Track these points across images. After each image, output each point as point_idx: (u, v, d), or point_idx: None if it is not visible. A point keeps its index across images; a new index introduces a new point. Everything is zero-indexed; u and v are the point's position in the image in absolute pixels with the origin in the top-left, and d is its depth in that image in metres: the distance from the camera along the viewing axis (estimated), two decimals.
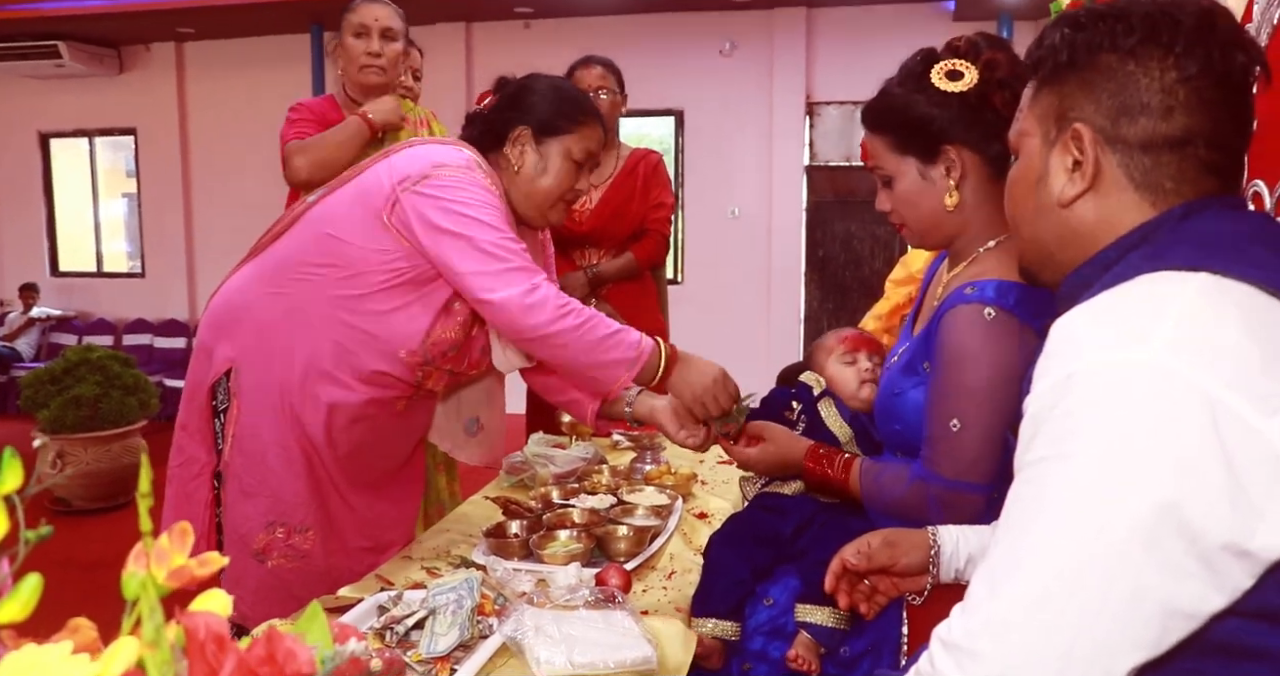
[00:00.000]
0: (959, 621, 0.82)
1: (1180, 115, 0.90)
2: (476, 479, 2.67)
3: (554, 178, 1.80)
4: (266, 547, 1.82)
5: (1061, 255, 1.00)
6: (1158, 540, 0.73)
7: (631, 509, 1.93)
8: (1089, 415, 0.77)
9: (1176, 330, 0.77)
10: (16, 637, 0.56)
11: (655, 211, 3.24)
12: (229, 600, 0.60)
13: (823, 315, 6.93)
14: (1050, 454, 0.79)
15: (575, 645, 1.32)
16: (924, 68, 1.48)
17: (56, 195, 8.68)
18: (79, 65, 7.62)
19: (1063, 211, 0.98)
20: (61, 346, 7.31)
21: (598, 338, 1.67)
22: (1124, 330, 0.79)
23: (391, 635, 1.39)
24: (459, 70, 7.20)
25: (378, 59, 2.69)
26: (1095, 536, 0.75)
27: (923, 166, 1.51)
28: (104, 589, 1.48)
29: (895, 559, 1.31)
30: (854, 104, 6.73)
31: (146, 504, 0.56)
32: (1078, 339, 0.81)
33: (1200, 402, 0.74)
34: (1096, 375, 0.77)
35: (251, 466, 1.81)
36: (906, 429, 1.51)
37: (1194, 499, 0.73)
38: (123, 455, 4.79)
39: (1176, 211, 0.91)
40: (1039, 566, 0.77)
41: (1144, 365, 0.76)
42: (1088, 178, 0.95)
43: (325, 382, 1.80)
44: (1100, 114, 0.93)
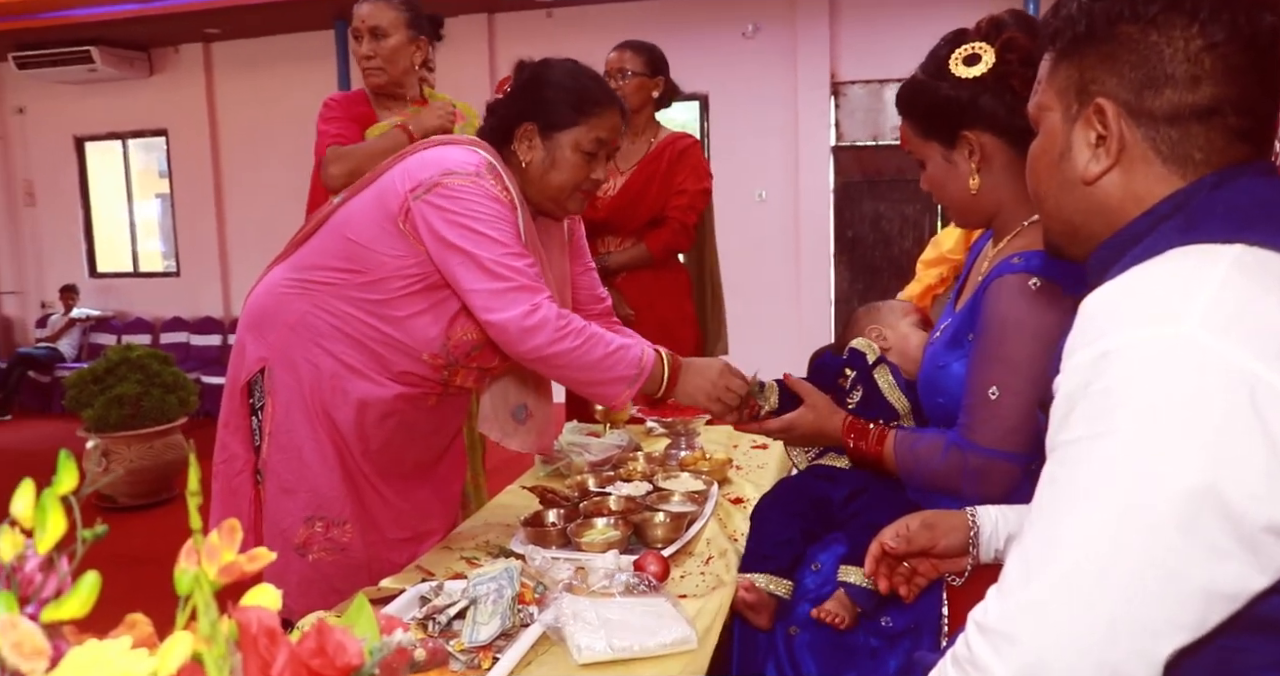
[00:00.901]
0: (995, 604, 0.81)
1: (1207, 85, 0.87)
2: (507, 470, 2.69)
3: (564, 172, 1.80)
4: (307, 541, 1.85)
5: (1088, 230, 0.97)
6: (1196, 522, 0.72)
7: (667, 495, 1.94)
8: (1123, 394, 0.75)
9: (1211, 305, 0.75)
10: (77, 633, 0.58)
11: (677, 198, 3.11)
12: (278, 594, 0.61)
13: (853, 296, 6.89)
14: (1085, 434, 0.77)
15: (614, 629, 1.34)
16: (946, 52, 1.50)
17: (92, 197, 8.80)
18: (110, 69, 7.72)
19: (1087, 188, 0.95)
20: (101, 346, 7.42)
21: (596, 358, 1.69)
22: (1157, 306, 0.77)
23: (434, 625, 1.42)
24: (482, 61, 7.21)
25: (371, 60, 2.68)
26: (1132, 519, 0.73)
27: (945, 151, 1.53)
28: (151, 584, 1.52)
29: (935, 541, 1.30)
30: (880, 83, 6.67)
31: (196, 502, 0.58)
32: (1110, 316, 0.79)
33: (1238, 380, 0.72)
34: (1130, 353, 0.76)
35: (288, 462, 1.84)
36: (950, 402, 1.52)
37: (1233, 480, 0.71)
38: (165, 452, 4.87)
39: (1208, 180, 0.89)
40: (1075, 549, 0.76)
41: (1179, 342, 0.74)
42: (1113, 153, 0.92)
43: (355, 379, 1.83)
44: (1123, 87, 0.90)
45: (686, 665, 1.37)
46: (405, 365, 1.84)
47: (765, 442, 2.54)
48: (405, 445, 1.95)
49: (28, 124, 8.71)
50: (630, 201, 3.10)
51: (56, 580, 0.59)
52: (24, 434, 7.14)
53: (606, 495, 1.94)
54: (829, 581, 1.58)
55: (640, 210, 3.11)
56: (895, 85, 6.64)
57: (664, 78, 3.17)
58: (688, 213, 3.14)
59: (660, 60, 3.17)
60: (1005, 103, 1.44)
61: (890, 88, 6.64)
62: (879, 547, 1.32)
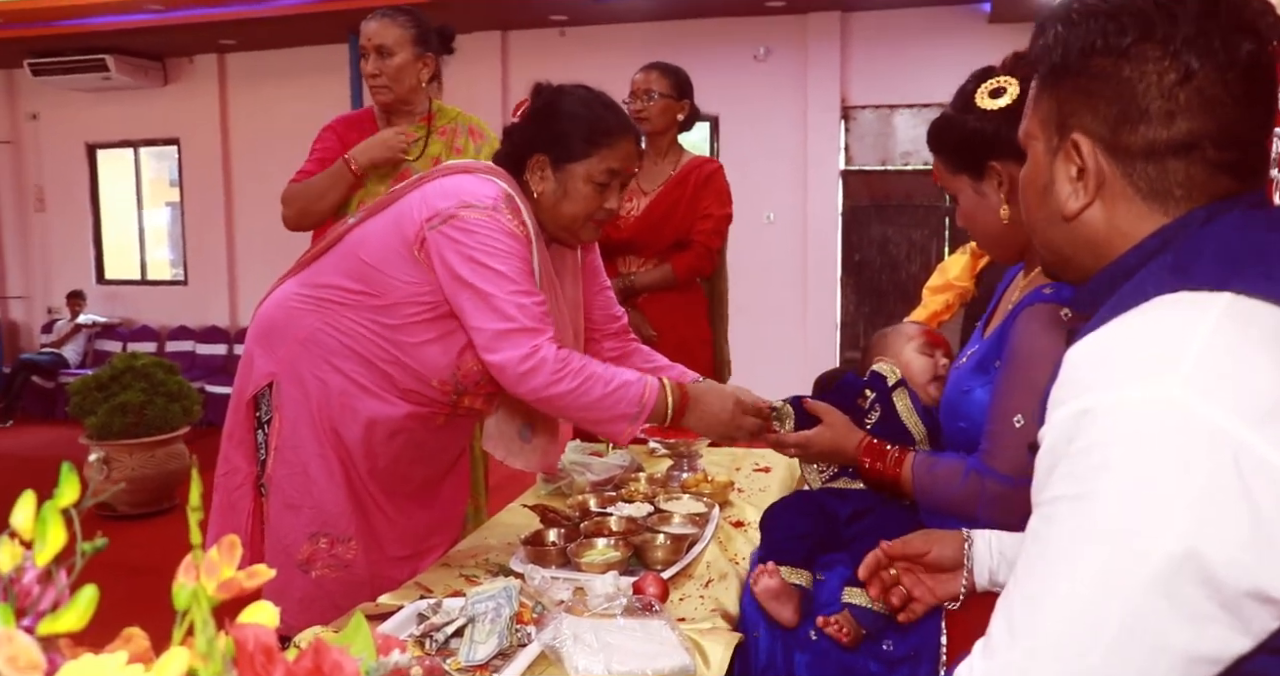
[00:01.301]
0: (980, 663, 0.80)
1: (1183, 120, 0.84)
2: (508, 488, 2.69)
3: (575, 203, 1.79)
4: (310, 558, 1.84)
5: (1078, 261, 0.95)
6: (1178, 589, 0.70)
7: (668, 517, 1.93)
8: (1105, 457, 0.73)
9: (1197, 364, 0.73)
10: (73, 647, 0.57)
11: (702, 222, 3.15)
12: (276, 611, 0.61)
13: (859, 320, 6.89)
14: (1067, 493, 0.76)
15: (613, 653, 1.33)
16: (973, 87, 1.53)
17: (103, 204, 8.84)
18: (125, 78, 7.77)
19: (1071, 223, 0.92)
20: (107, 353, 7.44)
21: (595, 398, 1.70)
22: (1141, 363, 0.75)
23: (431, 643, 1.41)
24: (495, 78, 7.26)
25: (377, 78, 2.66)
26: (1112, 584, 0.72)
27: (975, 183, 1.56)
28: (149, 593, 1.51)
29: (929, 546, 1.33)
30: (890, 108, 6.70)
31: (196, 517, 0.58)
32: (1093, 370, 0.78)
33: (1223, 445, 0.70)
34: (1113, 413, 0.74)
35: (293, 478, 1.84)
36: (972, 427, 1.52)
37: (1215, 546, 0.70)
38: (167, 461, 4.87)
39: (1198, 215, 0.86)
40: (1057, 613, 0.75)
41: (1163, 404, 0.72)
42: (1091, 190, 0.89)
43: (364, 397, 1.83)
44: (1099, 123, 0.88)
45: None
46: (414, 386, 1.84)
47: (768, 465, 2.53)
48: (412, 463, 1.95)
49: (41, 130, 8.77)
50: (655, 223, 3.13)
51: (54, 592, 0.59)
52: (26, 440, 7.15)
53: (607, 515, 1.93)
54: (833, 600, 1.58)
55: (665, 233, 3.14)
56: (905, 110, 6.67)
57: (689, 101, 3.19)
58: (713, 237, 3.18)
59: (686, 83, 3.19)
60: None
61: (900, 112, 6.67)
62: (873, 557, 1.35)
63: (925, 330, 1.85)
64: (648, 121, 3.10)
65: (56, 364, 7.89)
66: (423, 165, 2.70)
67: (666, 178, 3.19)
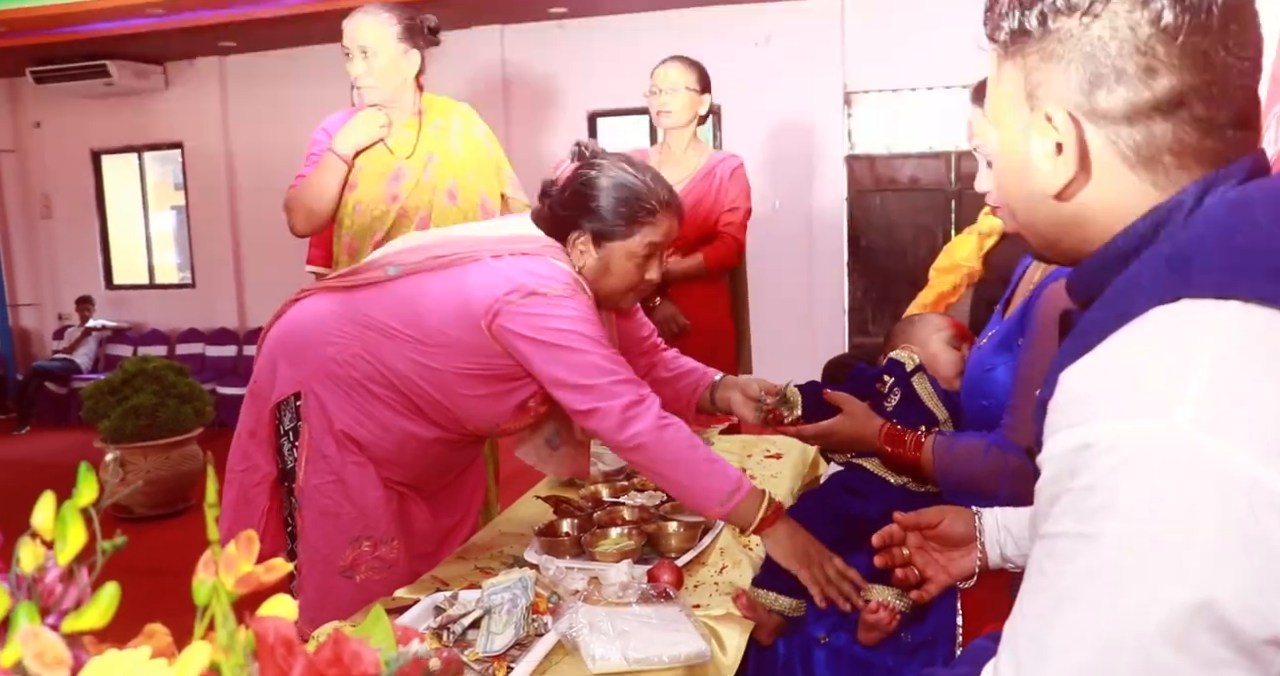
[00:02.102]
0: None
1: (1165, 75, 0.77)
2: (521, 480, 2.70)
3: (617, 277, 1.78)
4: (354, 563, 1.84)
5: (1065, 244, 0.89)
6: (1192, 637, 0.66)
7: (681, 505, 1.94)
8: (1109, 497, 0.68)
9: (1203, 394, 0.67)
10: (97, 643, 0.58)
11: (729, 215, 3.25)
12: (294, 605, 0.62)
13: (867, 305, 6.88)
14: (1071, 531, 0.71)
15: (630, 641, 1.34)
16: None
17: (109, 210, 8.86)
18: (127, 82, 7.77)
19: (1054, 202, 0.85)
20: (117, 357, 7.47)
21: (696, 460, 1.67)
22: (1144, 394, 0.69)
23: (448, 635, 1.42)
24: (495, 72, 7.24)
25: (364, 78, 2.65)
26: (1124, 634, 0.67)
27: None
28: (168, 594, 1.52)
29: (942, 516, 1.35)
30: (892, 92, 6.67)
31: (214, 514, 0.58)
32: (1093, 399, 0.71)
33: (1234, 484, 0.65)
34: (1117, 451, 0.68)
35: (327, 487, 1.83)
36: (994, 405, 1.52)
37: (1231, 594, 0.65)
38: (181, 462, 4.90)
39: (1191, 191, 0.79)
40: (1065, 660, 0.70)
41: (1168, 441, 0.66)
42: (1071, 165, 0.82)
43: (396, 418, 1.83)
44: (1071, 89, 0.80)
45: None
46: (447, 423, 1.85)
47: (779, 452, 2.54)
48: (439, 473, 1.99)
49: (45, 137, 8.78)
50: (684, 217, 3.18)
51: (76, 591, 0.59)
52: (42, 445, 7.18)
53: (620, 505, 1.94)
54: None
55: (694, 226, 3.20)
56: (908, 94, 6.65)
57: (709, 94, 3.26)
58: (739, 230, 3.29)
59: (708, 77, 3.28)
60: None
61: (903, 96, 6.65)
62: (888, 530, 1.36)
63: (954, 322, 1.85)
64: (672, 115, 3.18)
65: (68, 369, 7.92)
66: (416, 163, 2.70)
67: (691, 172, 3.27)
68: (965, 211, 6.37)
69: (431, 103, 2.80)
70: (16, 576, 0.57)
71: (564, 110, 7.19)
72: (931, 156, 6.59)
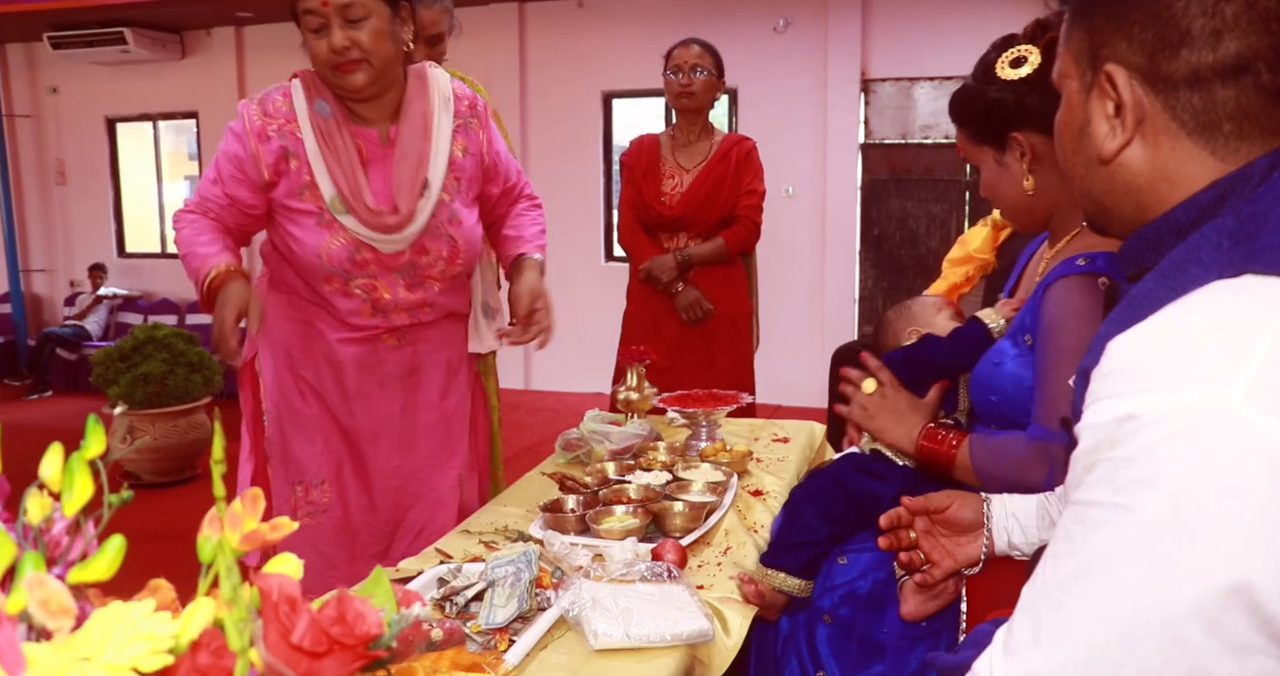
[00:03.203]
0: (1001, 662, 0.74)
1: (1231, 39, 0.75)
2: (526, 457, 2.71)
3: (311, 50, 2.01)
4: (294, 509, 1.97)
5: (1119, 211, 0.87)
6: (1223, 618, 0.64)
7: (687, 485, 1.93)
8: (1150, 471, 0.66)
9: (1260, 372, 0.64)
10: (102, 596, 0.58)
11: (747, 198, 3.30)
12: (300, 563, 0.62)
13: (878, 294, 6.86)
14: (1105, 500, 0.69)
15: (632, 618, 1.34)
16: (994, 57, 1.52)
17: (123, 178, 8.87)
18: (143, 51, 7.77)
19: (1109, 166, 0.84)
20: (128, 325, 7.49)
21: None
22: (1197, 367, 0.66)
23: (451, 606, 1.42)
24: (512, 51, 7.21)
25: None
26: (1153, 610, 0.66)
27: (997, 154, 1.55)
28: (173, 559, 1.53)
29: (950, 501, 1.35)
30: (910, 80, 6.63)
31: (220, 470, 0.58)
32: (1141, 369, 0.69)
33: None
34: (1163, 423, 0.66)
35: (275, 437, 2.00)
36: (1003, 400, 1.51)
37: (1268, 577, 0.63)
38: (189, 431, 4.92)
39: (1259, 164, 0.76)
40: (1090, 631, 0.68)
41: (1218, 418, 0.64)
42: (1129, 127, 0.81)
43: (313, 336, 2.01)
44: (1134, 50, 0.79)
45: (709, 658, 1.37)
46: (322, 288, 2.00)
47: (786, 436, 2.53)
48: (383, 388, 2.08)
49: (61, 104, 8.79)
50: (701, 200, 3.27)
51: (83, 543, 0.59)
52: (52, 410, 7.23)
53: (626, 483, 1.94)
54: (863, 574, 1.58)
55: (711, 209, 3.28)
56: (926, 83, 6.61)
57: (724, 80, 3.33)
58: (757, 212, 3.36)
59: (722, 62, 3.31)
60: (1053, 102, 1.44)
61: (920, 85, 6.61)
62: (896, 511, 1.36)
63: (949, 301, 1.84)
64: (694, 97, 3.21)
65: (79, 336, 7.95)
66: None
67: (706, 155, 3.30)
68: (979, 202, 6.33)
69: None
70: (23, 526, 0.57)
71: (579, 89, 7.16)
72: (947, 146, 6.54)
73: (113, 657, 0.49)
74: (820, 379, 4.36)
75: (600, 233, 7.29)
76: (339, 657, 0.55)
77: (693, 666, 1.36)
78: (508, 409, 3.48)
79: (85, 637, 0.50)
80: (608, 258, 7.30)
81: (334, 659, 0.55)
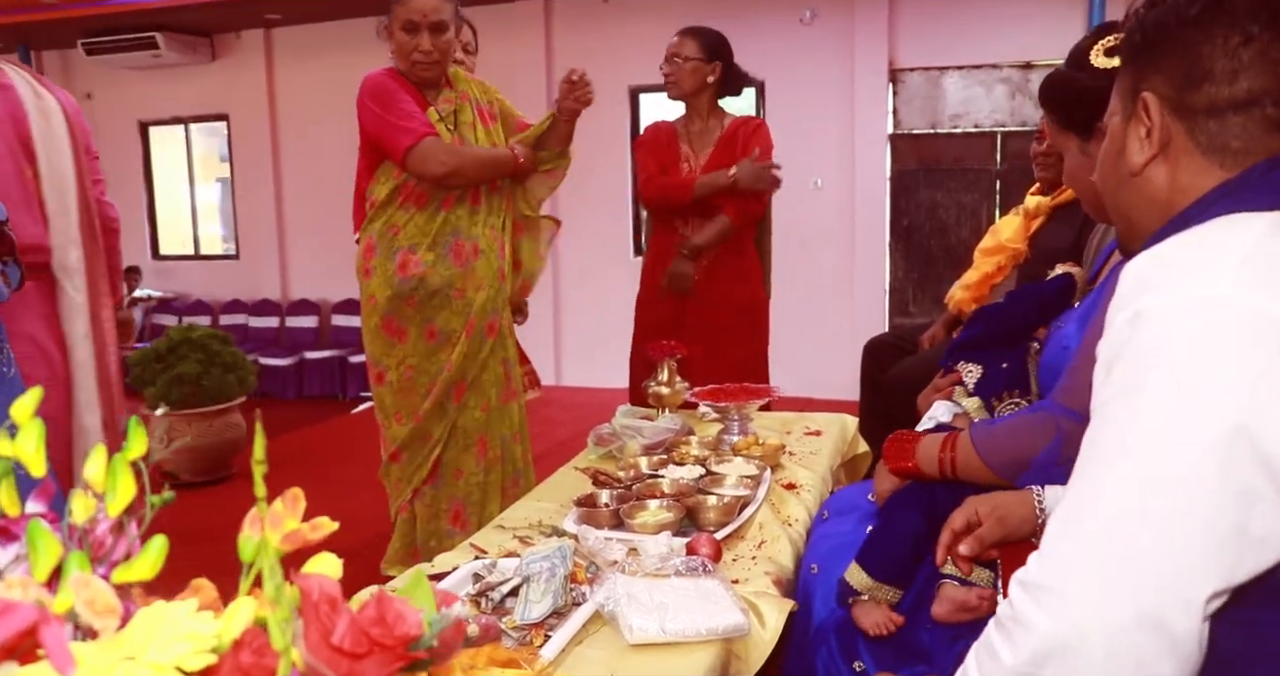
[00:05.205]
0: (1034, 562, 0.83)
1: (1245, 78, 0.91)
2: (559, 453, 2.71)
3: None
4: None
5: (1144, 224, 1.01)
6: (1230, 463, 0.74)
7: (720, 479, 1.93)
8: (1155, 351, 0.78)
9: (1243, 263, 0.79)
10: (145, 595, 0.59)
11: None
12: (339, 563, 0.62)
13: (908, 285, 6.81)
14: (1123, 389, 0.80)
15: (667, 612, 1.34)
16: (1089, 44, 1.50)
17: (155, 181, 8.97)
18: (174, 55, 7.85)
19: (1136, 179, 0.99)
20: (163, 327, 7.58)
21: None
22: (1191, 266, 0.81)
23: (487, 602, 1.43)
24: (539, 49, 7.22)
25: (430, 55, 2.69)
26: (1168, 463, 0.76)
27: (1082, 143, 1.54)
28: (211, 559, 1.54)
29: (1007, 536, 1.31)
30: (939, 70, 6.57)
31: (261, 470, 0.59)
32: (1147, 277, 0.82)
33: (1270, 328, 0.75)
34: (1162, 313, 0.79)
35: None
36: None
37: (1268, 425, 0.74)
38: (224, 430, 4.97)
39: (1260, 167, 0.91)
40: (1111, 499, 0.78)
41: (1210, 301, 0.77)
42: (1155, 143, 0.96)
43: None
44: (1167, 84, 0.95)
45: (745, 653, 1.37)
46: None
47: (818, 429, 2.52)
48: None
49: (95, 109, 8.89)
50: None
51: (126, 543, 0.60)
52: None
53: (659, 478, 1.94)
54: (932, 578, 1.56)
55: (722, 192, 3.21)
56: (954, 72, 6.54)
57: (721, 63, 3.22)
58: None
59: (718, 46, 3.24)
60: None
61: (949, 75, 6.54)
62: (950, 537, 1.33)
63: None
64: (676, 85, 3.21)
65: None
66: (467, 134, 2.75)
67: (715, 139, 3.27)
68: (1010, 192, 6.27)
69: (457, 75, 2.90)
70: (69, 527, 0.58)
71: (606, 84, 7.14)
72: (977, 136, 6.48)
73: (157, 657, 0.49)
74: (851, 372, 4.34)
75: (629, 227, 7.29)
76: (379, 658, 0.56)
77: (729, 661, 1.36)
78: (538, 404, 3.48)
79: (130, 637, 0.50)
80: (636, 252, 7.29)
81: (374, 660, 0.55)
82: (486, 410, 2.83)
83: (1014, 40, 6.04)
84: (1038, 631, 0.78)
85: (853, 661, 1.55)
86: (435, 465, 2.81)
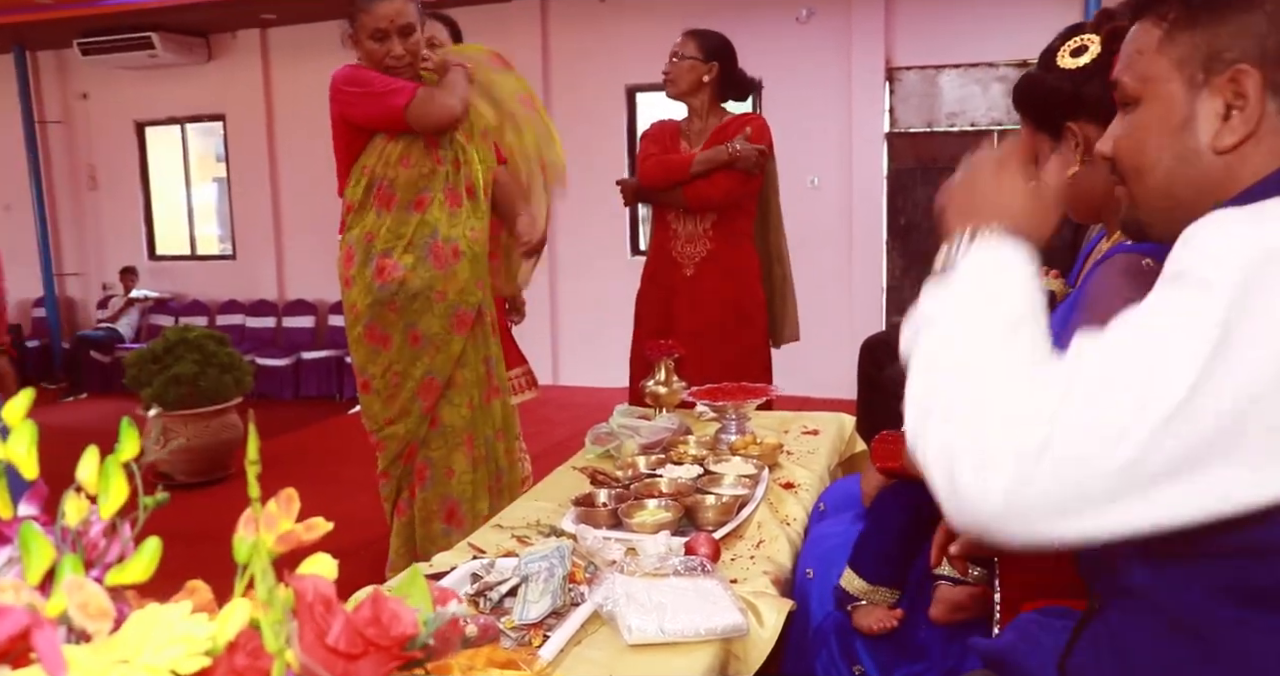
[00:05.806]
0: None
1: None
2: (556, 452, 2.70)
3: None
4: None
5: (1189, 205, 0.92)
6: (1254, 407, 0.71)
7: (718, 478, 1.93)
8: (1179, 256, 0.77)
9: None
10: (139, 598, 0.58)
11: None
12: (334, 563, 0.62)
13: (905, 284, 6.81)
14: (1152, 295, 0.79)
15: (666, 612, 1.33)
16: (1057, 45, 1.50)
17: (152, 181, 8.96)
18: (170, 55, 7.84)
19: (1214, 158, 0.90)
20: (159, 327, 7.57)
21: None
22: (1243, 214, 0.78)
23: (485, 602, 1.43)
24: (535, 47, 7.21)
25: (402, 59, 2.68)
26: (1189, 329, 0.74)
27: (1053, 144, 1.53)
28: (207, 560, 1.54)
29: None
30: (935, 68, 6.57)
31: (255, 470, 0.58)
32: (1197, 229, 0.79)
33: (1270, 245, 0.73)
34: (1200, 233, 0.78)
35: None
36: None
37: None
38: (221, 431, 4.96)
39: None
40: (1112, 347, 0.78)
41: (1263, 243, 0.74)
42: (1251, 122, 0.87)
43: None
44: (1263, 57, 0.86)
45: (744, 653, 1.37)
46: None
47: (816, 428, 2.52)
48: None
49: (91, 109, 8.88)
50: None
51: (119, 545, 0.60)
52: (87, 413, 7.32)
53: (657, 477, 1.94)
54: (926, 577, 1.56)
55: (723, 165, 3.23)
56: (950, 71, 6.54)
57: (719, 64, 3.23)
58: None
59: (718, 47, 3.28)
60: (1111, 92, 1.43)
61: (945, 73, 6.55)
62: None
63: None
64: (673, 83, 3.25)
65: (112, 339, 8.04)
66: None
67: (710, 137, 3.27)
68: None
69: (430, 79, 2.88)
70: (62, 529, 0.58)
71: (603, 84, 7.15)
72: (974, 134, 6.48)
73: (151, 659, 0.49)
74: (848, 370, 4.34)
75: (625, 226, 7.28)
76: (375, 658, 0.55)
77: (727, 660, 1.36)
78: (535, 404, 3.47)
79: (124, 639, 0.50)
80: (634, 252, 7.28)
81: (370, 660, 0.55)
82: (471, 408, 2.83)
83: (1010, 39, 6.04)
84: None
85: (853, 665, 1.55)
86: (424, 467, 2.81)
